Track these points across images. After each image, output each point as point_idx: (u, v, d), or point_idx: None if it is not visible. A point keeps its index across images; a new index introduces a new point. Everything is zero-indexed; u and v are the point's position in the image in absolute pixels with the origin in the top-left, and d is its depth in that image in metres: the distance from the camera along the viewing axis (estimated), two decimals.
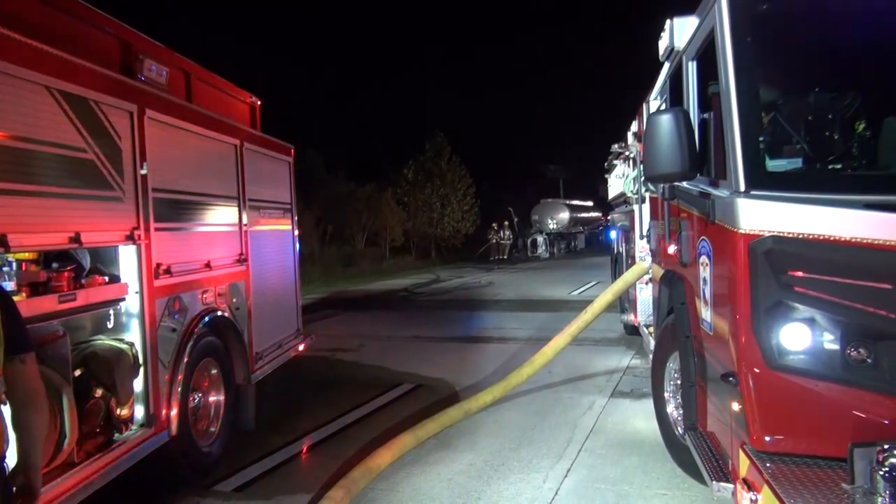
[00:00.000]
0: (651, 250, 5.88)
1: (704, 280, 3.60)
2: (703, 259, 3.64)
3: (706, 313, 3.59)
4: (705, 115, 3.77)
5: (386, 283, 18.70)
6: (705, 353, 3.65)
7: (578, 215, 34.54)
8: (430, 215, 29.54)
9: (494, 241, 29.83)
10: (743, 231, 3.04)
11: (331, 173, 26.42)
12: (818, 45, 3.40)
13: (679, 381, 4.11)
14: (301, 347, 6.79)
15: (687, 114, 3.55)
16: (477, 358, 8.11)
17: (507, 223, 30.55)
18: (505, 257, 29.37)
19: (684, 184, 3.93)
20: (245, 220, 5.62)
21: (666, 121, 3.45)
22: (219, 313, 5.02)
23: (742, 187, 3.10)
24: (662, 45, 4.39)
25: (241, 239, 5.55)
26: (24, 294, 3.37)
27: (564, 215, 32.56)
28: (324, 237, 23.85)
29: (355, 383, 7.01)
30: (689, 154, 3.44)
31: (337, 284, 18.45)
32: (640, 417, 5.58)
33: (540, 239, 30.85)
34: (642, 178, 6.53)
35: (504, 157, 48.90)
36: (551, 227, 31.83)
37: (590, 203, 37.65)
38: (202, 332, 4.76)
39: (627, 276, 6.26)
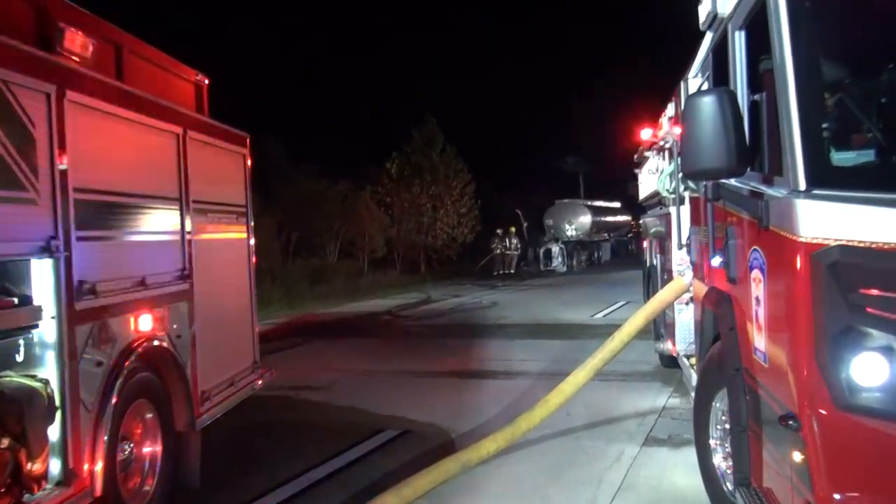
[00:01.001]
0: (692, 263, 5.95)
1: (757, 300, 3.61)
2: (756, 274, 3.65)
3: (760, 341, 3.60)
4: (756, 97, 3.81)
5: (364, 305, 18.81)
6: (759, 391, 3.66)
7: (603, 219, 34.58)
8: (418, 220, 29.69)
9: (499, 251, 29.87)
10: (803, 239, 3.06)
11: (297, 168, 26.70)
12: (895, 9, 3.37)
13: (727, 426, 4.12)
14: (258, 384, 6.81)
15: (734, 95, 3.59)
16: (477, 397, 8.20)
17: (513, 230, 30.52)
18: (512, 272, 29.45)
19: (731, 181, 3.96)
20: (189, 227, 5.65)
21: (708, 104, 3.47)
22: (155, 343, 5.04)
23: (802, 185, 3.12)
24: (703, 10, 4.43)
25: (183, 250, 5.58)
26: None
27: (585, 219, 32.60)
28: (287, 247, 23.91)
29: (326, 430, 7.08)
30: (736, 145, 3.46)
31: (303, 306, 18.48)
32: (679, 470, 5.64)
33: (555, 249, 30.97)
34: (680, 174, 6.61)
35: (510, 149, 50.20)
36: (569, 234, 31.86)
37: (616, 204, 37.80)
38: (134, 366, 4.76)
39: (663, 295, 6.32)
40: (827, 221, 3.04)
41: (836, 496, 2.85)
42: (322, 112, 46.14)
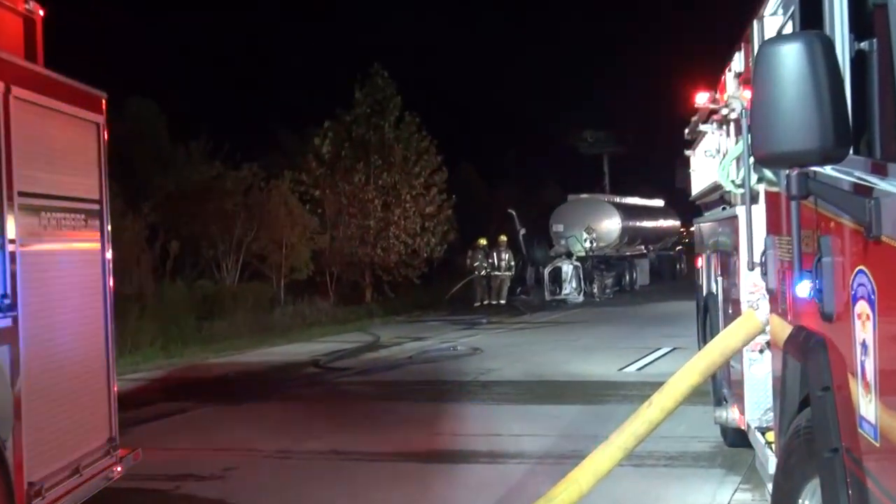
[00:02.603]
0: (768, 291, 6.04)
1: (864, 346, 3.62)
2: (862, 307, 3.67)
3: (868, 406, 3.61)
4: (863, 45, 3.85)
5: (280, 351, 19.02)
6: (867, 481, 3.63)
7: (637, 224, 35.25)
8: (362, 223, 29.43)
9: (483, 272, 29.80)
10: None
11: (178, 144, 26.52)
12: None
13: None
14: (116, 472, 6.73)
15: (830, 43, 3.60)
16: (449, 493, 8.21)
17: (504, 239, 30.47)
18: (502, 302, 29.39)
19: (826, 169, 4.00)
20: (11, 234, 5.62)
21: (792, 56, 3.50)
22: None
23: None
24: None
25: (3, 268, 5.55)
26: None
27: (612, 224, 33.02)
28: (164, 263, 23.84)
29: None
30: (833, 115, 3.49)
31: (188, 352, 18.64)
32: None
33: (567, 268, 30.86)
34: (751, 159, 6.72)
35: (501, 122, 49.28)
36: (588, 246, 32.01)
37: (658, 203, 38.93)
38: None
39: (727, 340, 6.39)
40: None
41: None
42: (220, 64, 46.49)
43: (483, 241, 30.24)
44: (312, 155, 29.26)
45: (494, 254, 30.12)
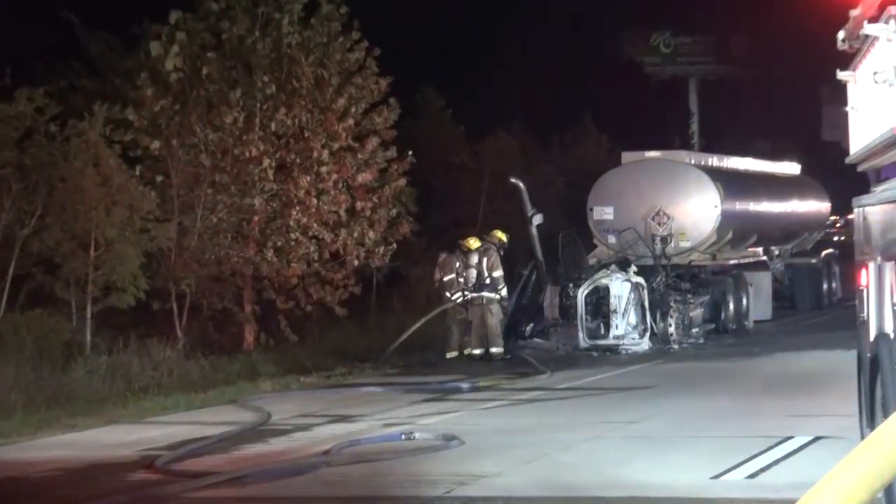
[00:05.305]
0: None
1: None
2: None
3: None
4: None
5: (82, 441, 16.04)
6: None
7: (751, 208, 29.55)
8: (239, 202, 23.82)
9: (459, 295, 24.14)
10: None
11: None
12: None
13: None
14: None
15: None
16: None
17: (502, 238, 24.93)
18: (498, 350, 23.86)
19: None
20: None
21: None
22: None
23: None
24: None
25: None
26: None
27: (705, 207, 26.83)
28: None
29: None
30: None
31: None
32: None
33: (618, 288, 24.69)
34: None
35: (496, 19, 38.44)
36: (658, 247, 26.20)
37: (788, 169, 33.07)
38: None
39: None
40: None
41: None
42: None
43: (472, 243, 23.96)
44: (147, 75, 23.18)
45: (484, 264, 24.07)
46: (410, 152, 25.15)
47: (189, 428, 16.29)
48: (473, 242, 24.46)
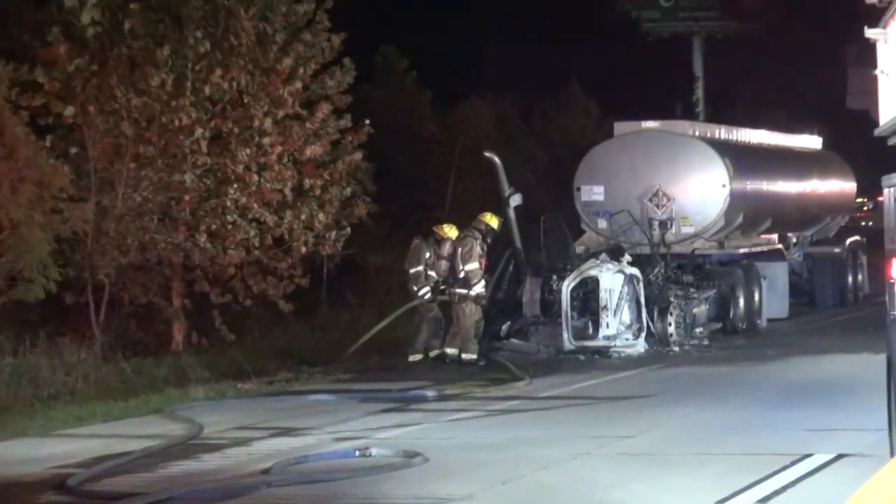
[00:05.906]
0: None
1: None
2: None
3: None
4: None
5: None
6: None
7: (764, 187, 28.61)
8: (167, 178, 22.86)
9: (426, 292, 22.96)
10: None
11: None
12: None
13: None
14: None
15: None
16: None
17: (493, 221, 23.58)
18: (470, 357, 22.58)
19: None
20: None
21: None
22: None
23: None
24: None
25: None
26: None
27: (710, 186, 25.70)
28: None
29: None
30: None
31: None
32: None
33: (609, 281, 23.54)
34: None
35: None
36: (657, 233, 25.23)
37: (807, 143, 31.91)
38: None
39: None
40: None
41: None
42: None
43: (447, 230, 22.92)
44: (60, 30, 22.09)
45: (458, 255, 22.70)
46: (368, 121, 23.87)
47: (107, 442, 15.48)
48: (449, 230, 23.09)
